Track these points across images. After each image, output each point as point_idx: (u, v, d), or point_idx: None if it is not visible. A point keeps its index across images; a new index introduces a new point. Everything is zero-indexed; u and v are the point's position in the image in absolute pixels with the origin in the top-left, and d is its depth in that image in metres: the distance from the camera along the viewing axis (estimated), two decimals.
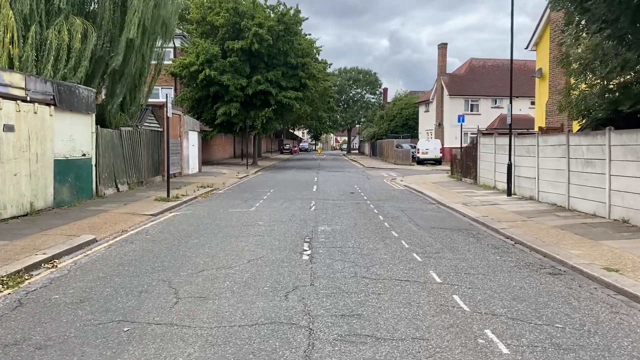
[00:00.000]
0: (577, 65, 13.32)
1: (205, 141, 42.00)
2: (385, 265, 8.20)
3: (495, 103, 49.70)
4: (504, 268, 8.30)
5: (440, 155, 43.93)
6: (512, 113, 18.76)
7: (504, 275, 7.81)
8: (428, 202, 17.86)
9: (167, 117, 17.37)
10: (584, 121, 14.30)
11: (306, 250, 9.21)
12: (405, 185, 23.97)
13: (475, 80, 50.53)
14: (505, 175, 19.19)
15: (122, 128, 20.24)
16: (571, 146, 14.45)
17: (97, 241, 10.38)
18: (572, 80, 14.58)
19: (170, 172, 25.57)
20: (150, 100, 33.77)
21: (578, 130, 15.40)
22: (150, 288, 6.90)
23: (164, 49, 23.94)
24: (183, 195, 17.96)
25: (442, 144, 46.08)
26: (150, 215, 13.87)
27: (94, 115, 17.18)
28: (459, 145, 47.53)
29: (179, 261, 8.45)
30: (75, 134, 15.83)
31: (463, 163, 24.92)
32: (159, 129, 24.05)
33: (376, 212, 14.64)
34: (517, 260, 8.98)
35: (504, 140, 20.12)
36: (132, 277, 7.47)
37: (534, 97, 50.34)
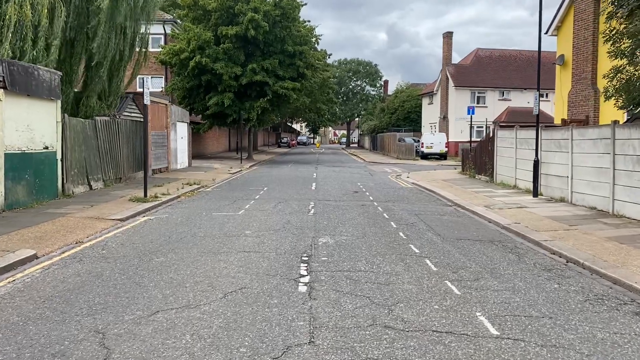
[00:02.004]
0: (632, 42, 11.05)
1: (198, 134, 39.71)
2: (412, 302, 5.96)
3: (503, 95, 47.41)
4: (573, 305, 6.08)
5: (446, 149, 41.66)
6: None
7: (578, 318, 5.59)
8: (443, 203, 15.63)
9: (145, 105, 15.07)
10: (637, 110, 12.04)
11: (303, 276, 6.96)
12: (413, 183, 21.73)
13: (482, 71, 48.21)
14: (529, 172, 16.99)
15: (97, 118, 17.93)
16: (618, 140, 12.21)
17: (37, 258, 8.13)
18: (620, 62, 12.31)
19: (156, 167, 23.36)
20: (139, 90, 31.57)
21: (627, 121, 13.17)
22: (72, 347, 4.65)
23: (147, 31, 21.56)
24: (163, 195, 15.69)
25: (447, 138, 43.79)
26: (118, 220, 11.61)
27: (59, 101, 14.87)
28: (467, 139, 45.43)
29: (130, 294, 6.20)
30: (34, 124, 13.53)
31: (477, 158, 22.67)
32: (142, 119, 21.70)
33: (386, 216, 12.40)
34: (582, 290, 6.76)
35: (527, 133, 17.89)
36: (55, 324, 5.22)
37: (543, 89, 48.26)
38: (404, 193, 18.02)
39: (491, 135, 21.07)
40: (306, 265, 7.55)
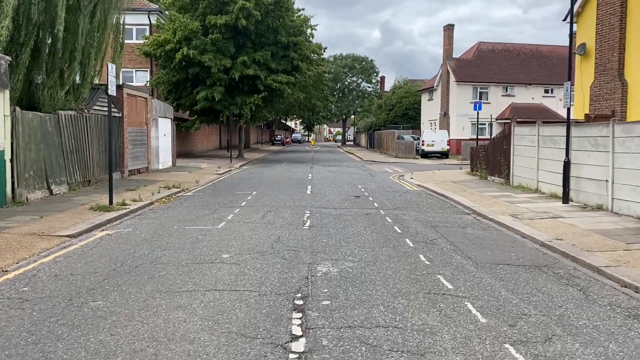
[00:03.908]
0: None
1: (186, 131, 37.38)
2: None
3: (506, 91, 45.32)
4: None
5: (448, 147, 39.51)
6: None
7: None
8: (459, 210, 13.46)
9: (109, 96, 12.79)
10: None
11: (296, 339, 4.72)
12: (419, 185, 19.57)
13: (484, 66, 46.08)
14: (555, 175, 14.93)
15: (61, 112, 15.63)
16: None
17: None
18: None
19: (133, 168, 21.06)
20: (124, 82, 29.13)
21: None
22: None
23: (123, 16, 19.22)
24: (134, 201, 13.44)
25: (449, 135, 41.60)
26: (67, 236, 9.34)
27: (7, 92, 12.58)
28: (468, 137, 43.32)
29: None
30: None
31: (489, 158, 20.52)
32: (117, 114, 19.40)
33: (398, 230, 10.20)
34: None
35: (553, 130, 15.76)
36: None
37: (549, 84, 46.24)
38: (411, 197, 15.84)
39: (507, 132, 18.91)
40: (301, 315, 5.31)
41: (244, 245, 8.58)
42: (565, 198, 13.73)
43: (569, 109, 13.87)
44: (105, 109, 18.82)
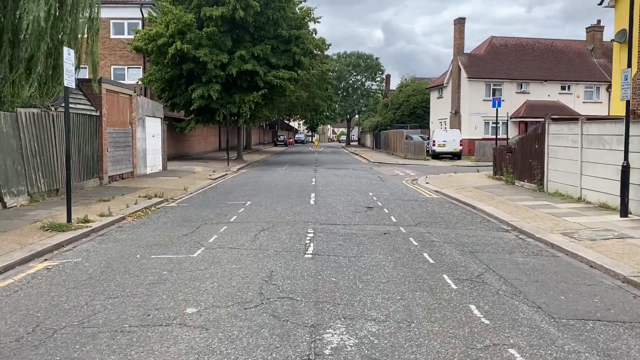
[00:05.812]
0: None
1: (182, 132, 35.03)
2: None
3: (521, 88, 42.76)
4: None
5: (460, 148, 37.04)
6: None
7: None
8: (495, 226, 11.04)
9: (66, 88, 10.45)
10: None
11: None
12: (437, 191, 17.17)
13: (497, 62, 43.55)
14: (605, 181, 12.60)
15: (21, 110, 13.29)
16: None
17: None
18: None
19: (115, 173, 18.69)
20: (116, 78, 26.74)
21: None
22: None
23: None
24: (102, 216, 11.10)
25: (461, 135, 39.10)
26: None
27: None
28: (481, 137, 40.81)
29: None
30: None
31: (517, 160, 18.07)
32: (94, 113, 17.06)
33: (430, 260, 7.78)
34: None
35: (602, 128, 13.31)
36: None
37: (565, 81, 43.69)
38: (433, 208, 13.43)
39: (539, 131, 16.48)
40: None
41: (220, 289, 6.17)
42: (624, 210, 11.29)
43: (628, 102, 11.41)
44: (80, 106, 16.46)
